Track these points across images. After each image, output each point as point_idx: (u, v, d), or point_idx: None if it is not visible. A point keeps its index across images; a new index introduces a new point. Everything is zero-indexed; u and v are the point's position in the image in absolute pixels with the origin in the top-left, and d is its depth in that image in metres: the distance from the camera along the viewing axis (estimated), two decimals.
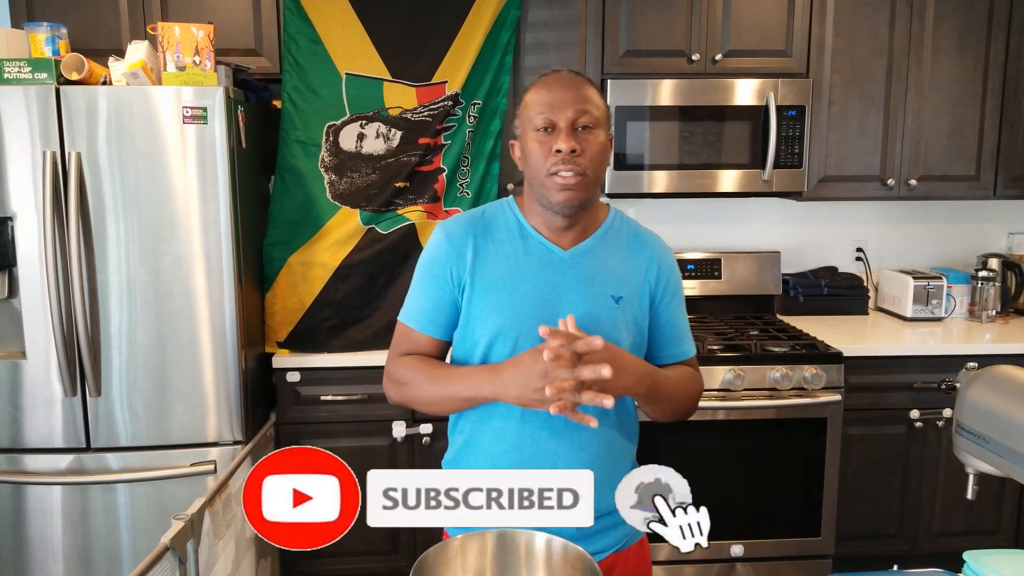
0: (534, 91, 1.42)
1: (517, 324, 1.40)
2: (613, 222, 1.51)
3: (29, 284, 2.36)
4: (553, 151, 1.36)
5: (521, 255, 1.44)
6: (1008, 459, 1.06)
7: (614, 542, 1.48)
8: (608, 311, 1.42)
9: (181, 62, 2.37)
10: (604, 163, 1.42)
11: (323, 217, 2.80)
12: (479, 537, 1.18)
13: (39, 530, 2.46)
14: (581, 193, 1.38)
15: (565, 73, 1.43)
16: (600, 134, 1.39)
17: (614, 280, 1.44)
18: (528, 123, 1.41)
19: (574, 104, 1.37)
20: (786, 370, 2.73)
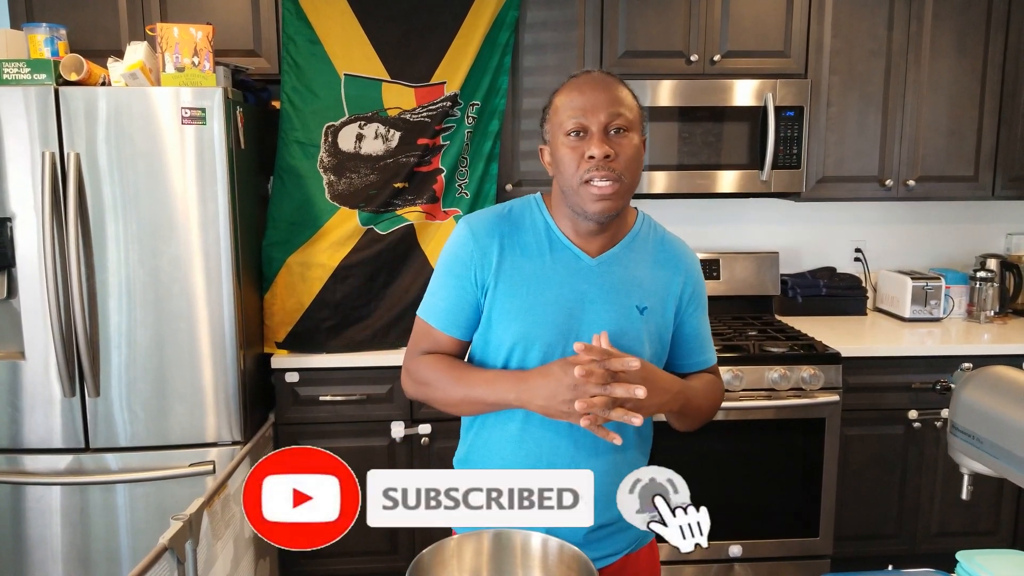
0: (564, 94, 1.37)
1: (541, 331, 1.38)
2: (641, 228, 1.48)
3: (28, 284, 2.37)
4: (586, 157, 1.31)
5: (548, 260, 1.41)
6: (1002, 460, 1.06)
7: (626, 544, 1.48)
8: (632, 322, 1.39)
9: (180, 63, 2.37)
10: (639, 167, 1.37)
11: (322, 218, 2.80)
12: (476, 537, 1.19)
13: (38, 530, 2.46)
14: (618, 201, 1.34)
15: (596, 74, 1.38)
16: (634, 137, 1.35)
17: (640, 290, 1.42)
18: (558, 127, 1.35)
19: (607, 107, 1.32)
20: (784, 370, 2.73)
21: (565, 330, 1.37)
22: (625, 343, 1.36)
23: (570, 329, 1.37)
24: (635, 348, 1.38)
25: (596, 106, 1.32)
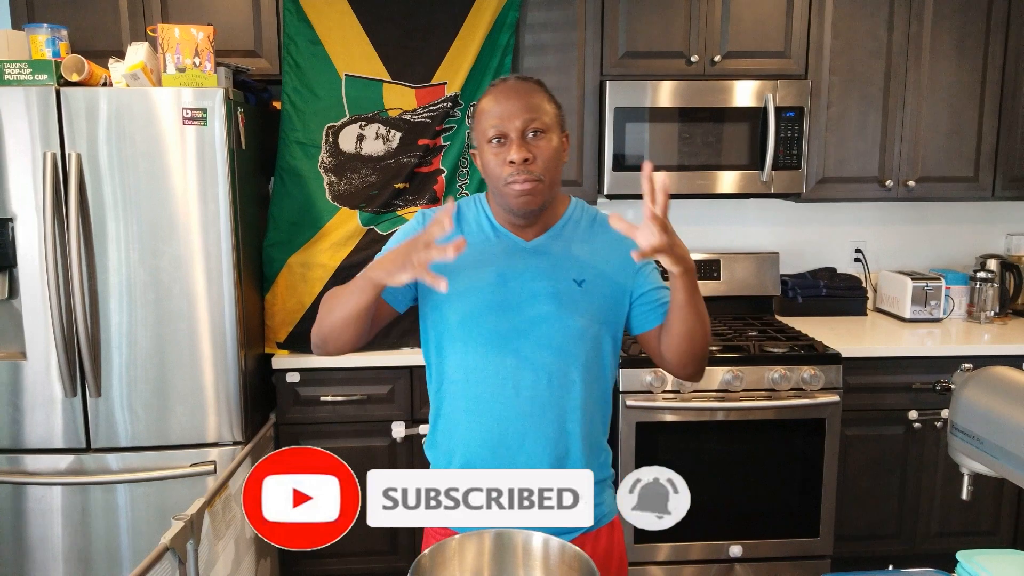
0: (483, 103, 1.47)
1: (483, 308, 1.47)
2: (574, 213, 1.56)
3: (29, 285, 2.37)
4: (507, 161, 1.41)
5: (487, 244, 1.51)
6: (1002, 460, 1.07)
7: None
8: (571, 294, 1.48)
9: (181, 63, 2.38)
10: (559, 165, 1.47)
11: (323, 218, 2.81)
12: (477, 537, 1.19)
13: (39, 530, 2.47)
14: (538, 198, 1.44)
15: (512, 82, 1.47)
16: (552, 138, 1.44)
17: (576, 265, 1.50)
18: (482, 135, 1.45)
19: (522, 114, 1.41)
20: (785, 371, 2.73)
21: (505, 307, 1.46)
22: (565, 313, 1.46)
23: (510, 306, 1.46)
24: (574, 318, 1.47)
25: (512, 113, 1.41)
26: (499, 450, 1.47)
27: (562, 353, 1.47)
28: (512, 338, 1.46)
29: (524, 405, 1.46)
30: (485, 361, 1.47)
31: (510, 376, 1.46)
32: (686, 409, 2.72)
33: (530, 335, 1.46)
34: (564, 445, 1.48)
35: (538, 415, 1.47)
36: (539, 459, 1.47)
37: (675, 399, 2.72)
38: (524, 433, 1.47)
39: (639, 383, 2.71)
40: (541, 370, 1.46)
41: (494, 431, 1.48)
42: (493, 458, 1.47)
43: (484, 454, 1.48)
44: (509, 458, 1.47)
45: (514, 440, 1.47)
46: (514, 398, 1.46)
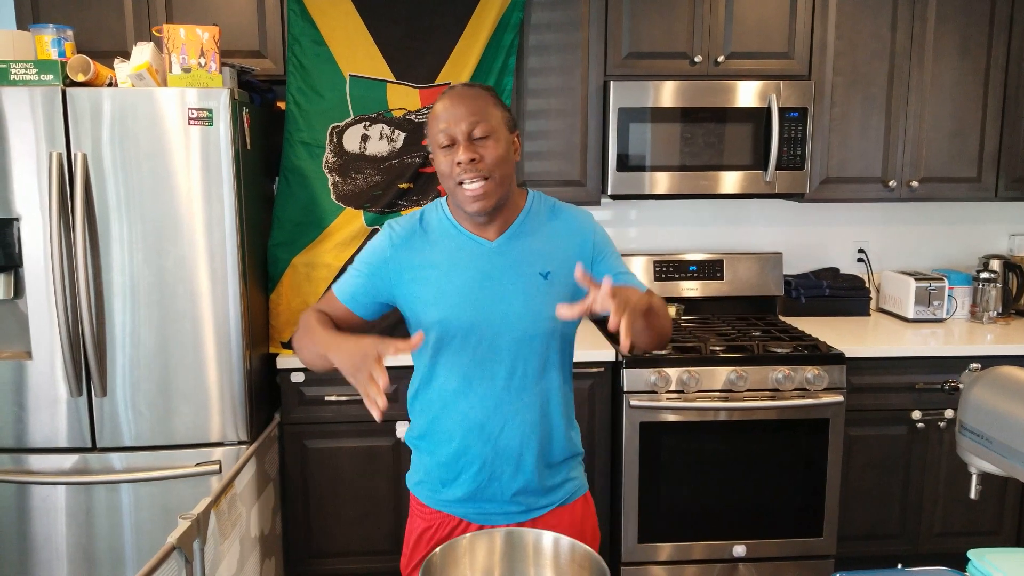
0: (434, 110, 1.55)
1: (456, 312, 1.55)
2: (532, 205, 1.64)
3: (35, 284, 2.37)
4: (455, 163, 1.49)
5: (453, 251, 1.59)
6: (1011, 458, 1.07)
7: (558, 498, 1.66)
8: (538, 288, 1.56)
9: (186, 64, 2.38)
10: (509, 163, 1.55)
11: (327, 218, 2.81)
12: (487, 536, 1.19)
13: (44, 529, 2.47)
14: (491, 199, 1.52)
15: (459, 88, 1.56)
16: (499, 139, 1.52)
17: (540, 258, 1.58)
18: (434, 142, 1.54)
19: (467, 118, 1.49)
20: (788, 371, 2.74)
21: (478, 307, 1.55)
22: (535, 308, 1.56)
23: (482, 305, 1.55)
24: (544, 311, 1.54)
25: (458, 118, 1.50)
26: (482, 437, 1.59)
27: (533, 346, 1.57)
28: (486, 336, 1.55)
29: (500, 394, 1.57)
30: (462, 359, 1.57)
31: (487, 369, 1.57)
32: (689, 409, 2.72)
33: (503, 331, 1.55)
34: (540, 427, 1.60)
35: (514, 402, 1.58)
36: (517, 442, 1.58)
37: (678, 399, 2.72)
38: (503, 420, 1.58)
39: (643, 383, 2.71)
40: (516, 362, 1.57)
41: (475, 420, 1.58)
42: (477, 444, 1.59)
43: (469, 442, 1.59)
44: (492, 444, 1.59)
45: (495, 427, 1.58)
46: (490, 388, 1.57)
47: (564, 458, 1.66)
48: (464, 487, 1.62)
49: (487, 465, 1.60)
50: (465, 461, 1.61)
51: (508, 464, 1.60)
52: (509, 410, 1.58)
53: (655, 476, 2.76)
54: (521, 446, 1.59)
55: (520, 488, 1.62)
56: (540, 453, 1.61)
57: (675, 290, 3.30)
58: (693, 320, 3.27)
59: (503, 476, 1.61)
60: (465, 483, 1.62)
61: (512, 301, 1.56)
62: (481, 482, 1.61)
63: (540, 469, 1.62)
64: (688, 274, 3.31)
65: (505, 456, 1.60)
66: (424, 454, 1.69)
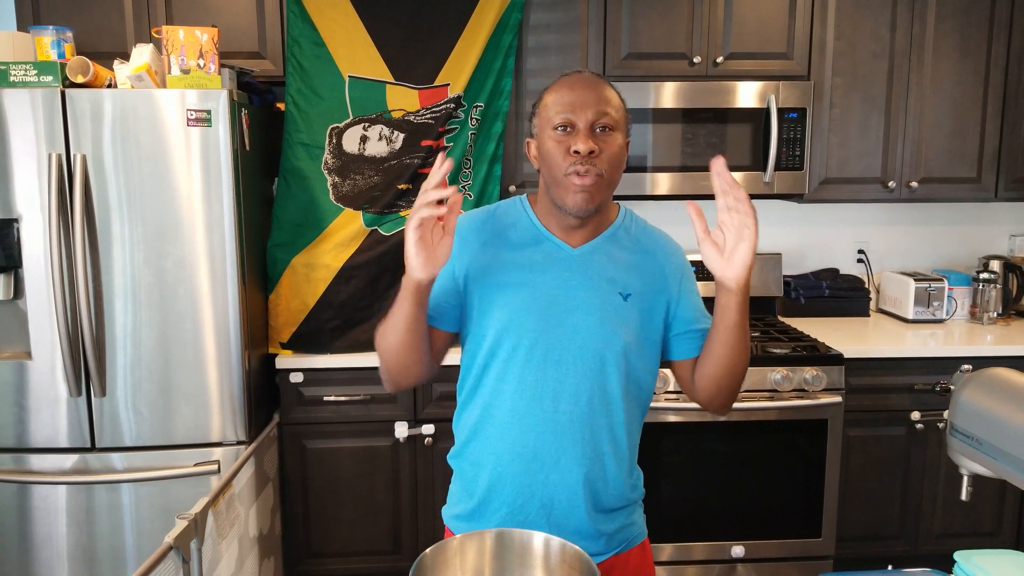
0: (554, 90, 1.41)
1: (524, 318, 1.40)
2: (623, 221, 1.51)
3: (34, 285, 2.38)
4: (571, 151, 1.35)
5: (531, 252, 1.44)
6: (1001, 461, 1.07)
7: (614, 545, 1.48)
8: (616, 307, 1.41)
9: (185, 65, 2.39)
10: (620, 166, 1.41)
11: (326, 219, 2.82)
12: (478, 536, 1.20)
13: (44, 529, 2.48)
14: (597, 196, 1.37)
15: (586, 74, 1.42)
16: (618, 136, 1.39)
17: (622, 278, 1.44)
18: (547, 122, 1.39)
19: (594, 105, 1.36)
20: (787, 371, 2.74)
21: (548, 316, 1.40)
22: (610, 327, 1.40)
23: (553, 315, 1.40)
24: (619, 332, 1.40)
25: (584, 103, 1.36)
26: (533, 465, 1.41)
27: (603, 368, 1.41)
28: (553, 349, 1.40)
29: (562, 419, 1.40)
30: (524, 372, 1.40)
31: (550, 389, 1.40)
32: (689, 410, 2.72)
33: (572, 348, 1.40)
34: (599, 464, 1.42)
35: (575, 431, 1.40)
36: (572, 477, 1.41)
37: (678, 400, 2.72)
38: (560, 449, 1.40)
39: None
40: (582, 384, 1.40)
41: (528, 445, 1.41)
42: (526, 473, 1.41)
43: (517, 468, 1.42)
44: (544, 474, 1.41)
45: (549, 456, 1.41)
46: (552, 412, 1.40)
47: (622, 505, 1.48)
48: (506, 520, 1.44)
49: (533, 499, 1.42)
50: (511, 490, 1.43)
51: (557, 502, 1.42)
52: (567, 439, 1.40)
53: (654, 477, 2.76)
54: (574, 483, 1.41)
55: (569, 527, 1.43)
56: (593, 494, 1.43)
57: None
58: None
59: (551, 512, 1.42)
60: (508, 515, 1.43)
61: (586, 316, 1.39)
62: (527, 516, 1.43)
63: (590, 511, 1.43)
64: None
65: (556, 490, 1.41)
66: (466, 479, 1.50)
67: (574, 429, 1.40)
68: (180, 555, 1.67)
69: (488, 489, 1.45)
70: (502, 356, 1.41)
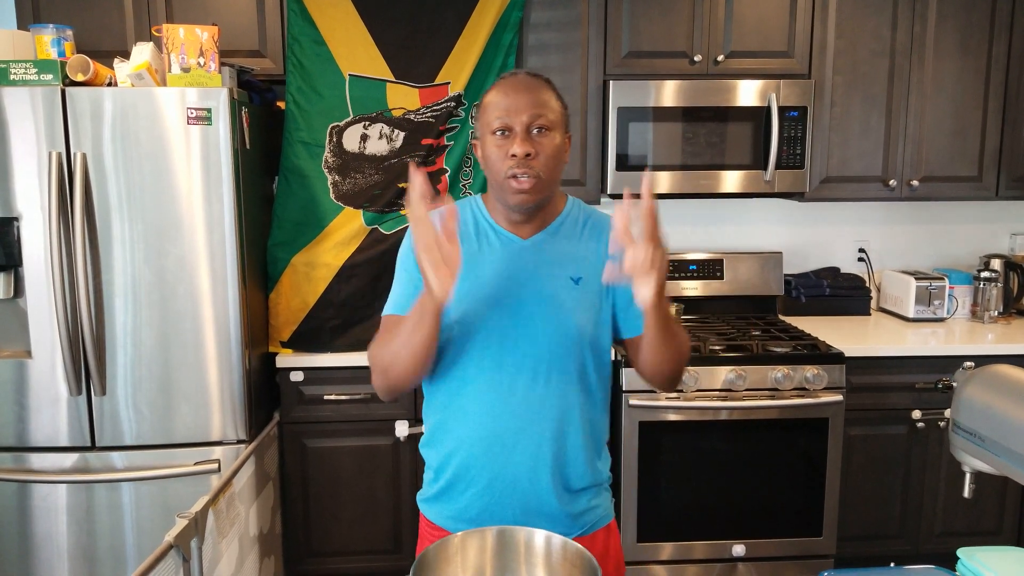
0: (492, 94, 1.46)
1: (481, 308, 1.46)
2: (571, 211, 1.56)
3: (35, 284, 2.38)
4: (509, 155, 1.40)
5: (484, 245, 1.51)
6: (1004, 457, 1.07)
7: (580, 526, 1.53)
8: (568, 291, 1.48)
9: (186, 63, 2.39)
10: (560, 164, 1.47)
11: (326, 218, 2.82)
12: (479, 534, 1.19)
13: (44, 528, 2.48)
14: (536, 195, 1.43)
15: (522, 76, 1.47)
16: (555, 136, 1.44)
17: (572, 263, 1.50)
18: (487, 126, 1.45)
19: (529, 108, 1.41)
20: (788, 370, 2.73)
21: (502, 305, 1.46)
22: (562, 311, 1.46)
23: (506, 305, 1.46)
24: (572, 316, 1.46)
25: (519, 107, 1.41)
26: (495, 448, 1.46)
27: (559, 352, 1.46)
28: (509, 336, 1.45)
29: (519, 404, 1.45)
30: (482, 360, 1.46)
31: (507, 375, 1.45)
32: (689, 408, 2.72)
33: (527, 333, 1.45)
34: (561, 445, 1.47)
35: (534, 414, 1.46)
36: (535, 459, 1.46)
37: (678, 399, 2.72)
38: (520, 431, 1.46)
39: (642, 382, 2.71)
40: (539, 368, 1.45)
41: (490, 429, 1.46)
42: (489, 456, 1.46)
43: (481, 451, 1.47)
44: (505, 456, 1.46)
45: (510, 438, 1.46)
46: (509, 396, 1.45)
47: (585, 486, 1.52)
48: (472, 504, 1.50)
49: (496, 481, 1.47)
50: (475, 473, 1.48)
51: (520, 481, 1.47)
52: (525, 422, 1.45)
53: (654, 476, 2.76)
54: (538, 464, 1.46)
55: (533, 509, 1.48)
56: (556, 475, 1.47)
57: (675, 289, 3.30)
58: (693, 319, 3.27)
59: (514, 495, 1.47)
60: (473, 497, 1.49)
61: (539, 302, 1.46)
62: (490, 499, 1.48)
63: (557, 491, 1.48)
64: (688, 273, 3.31)
65: (517, 472, 1.46)
66: (433, 466, 1.57)
67: (531, 412, 1.46)
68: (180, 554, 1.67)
69: (452, 473, 1.51)
70: (460, 346, 1.47)
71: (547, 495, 1.47)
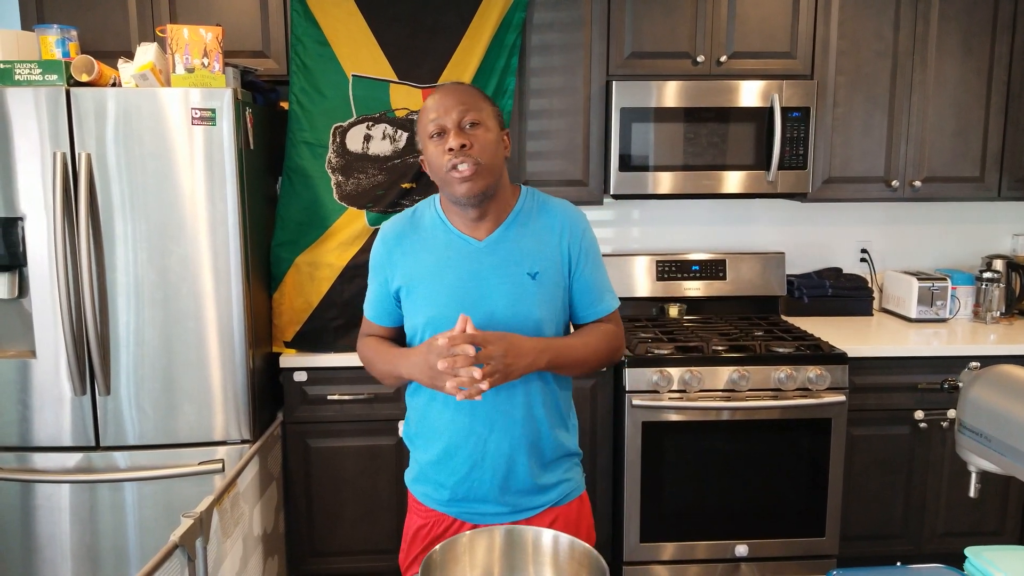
0: (424, 106, 1.58)
1: (446, 311, 1.55)
2: (524, 203, 1.64)
3: (39, 284, 2.38)
4: (446, 150, 1.50)
5: (443, 250, 1.61)
6: (1010, 457, 1.07)
7: (554, 497, 1.66)
8: (525, 288, 1.58)
9: (190, 64, 2.39)
10: (498, 153, 1.56)
11: (330, 218, 2.82)
12: (487, 534, 1.20)
13: (48, 528, 2.48)
14: (480, 181, 1.52)
15: (449, 84, 1.61)
16: (488, 128, 1.54)
17: (528, 258, 1.59)
18: (424, 135, 1.56)
19: (456, 107, 1.52)
20: (790, 371, 2.74)
21: (465, 305, 1.55)
22: (521, 309, 1.57)
23: (469, 303, 1.56)
24: (530, 312, 1.58)
25: (448, 107, 1.53)
26: (472, 437, 1.59)
27: None
28: None
29: (489, 395, 1.53)
30: None
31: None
32: (692, 408, 2.72)
33: (489, 329, 1.53)
34: (533, 425, 1.61)
35: (504, 403, 1.58)
36: (509, 441, 1.59)
37: (681, 399, 2.72)
38: (493, 418, 1.58)
39: (645, 383, 2.72)
40: None
41: (466, 420, 1.59)
42: (467, 442, 1.60)
43: (459, 441, 1.60)
44: (483, 444, 1.60)
45: (484, 425, 1.59)
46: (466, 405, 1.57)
47: (555, 458, 1.66)
48: (455, 487, 1.63)
49: (477, 466, 1.61)
50: (456, 462, 1.62)
51: (499, 465, 1.60)
52: (495, 412, 1.59)
53: (657, 476, 2.76)
54: (511, 448, 1.60)
55: (512, 488, 1.62)
56: (530, 454, 1.61)
57: (678, 290, 3.30)
58: (695, 320, 3.27)
59: (494, 477, 1.61)
60: (456, 483, 1.63)
61: (498, 301, 1.56)
62: (472, 483, 1.62)
63: (533, 470, 1.62)
64: (691, 274, 3.31)
65: (494, 457, 1.60)
66: (418, 452, 1.71)
67: (501, 401, 1.58)
68: (185, 553, 1.67)
69: (436, 462, 1.65)
70: None
71: (523, 472, 1.61)
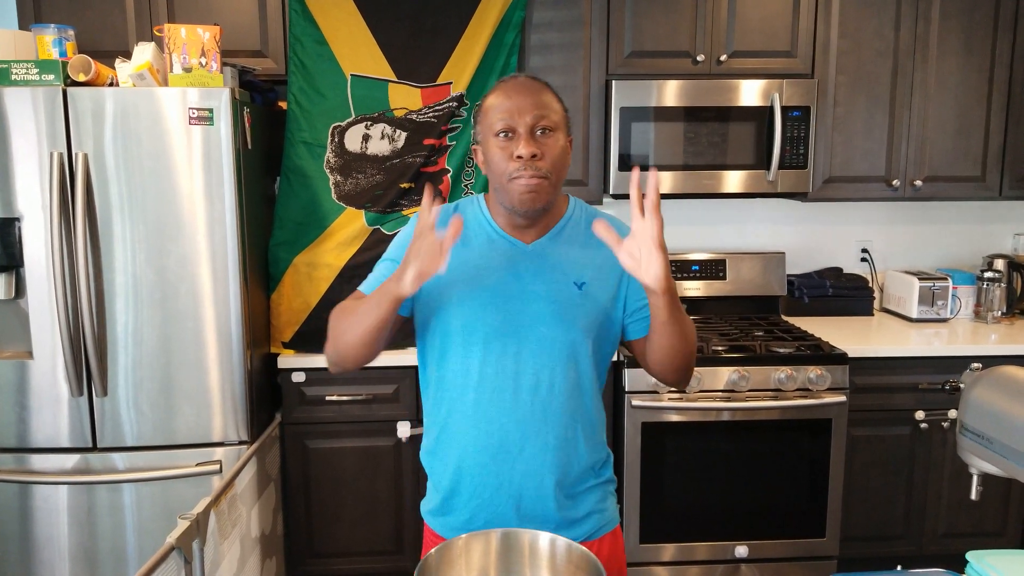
0: (493, 97, 1.45)
1: (483, 313, 1.44)
2: (573, 213, 1.54)
3: (36, 284, 2.37)
4: (514, 156, 1.39)
5: (486, 250, 1.49)
6: (1011, 459, 1.06)
7: (583, 532, 1.51)
8: (571, 296, 1.46)
9: (187, 63, 2.38)
10: (564, 165, 1.45)
11: (328, 218, 2.81)
12: (483, 537, 1.19)
13: (45, 529, 2.47)
14: (543, 196, 1.41)
15: (523, 79, 1.46)
16: (559, 137, 1.43)
17: (576, 267, 1.48)
18: (489, 129, 1.43)
19: (532, 109, 1.40)
20: (791, 371, 2.73)
21: (505, 310, 1.44)
22: (565, 316, 1.44)
23: (509, 310, 1.44)
24: (576, 322, 1.45)
25: (523, 109, 1.40)
26: (499, 456, 1.45)
27: (563, 357, 1.45)
28: (512, 342, 1.44)
29: (523, 410, 1.43)
30: (484, 366, 1.44)
31: (510, 380, 1.44)
32: (692, 409, 2.71)
33: (530, 339, 1.44)
34: (568, 450, 1.46)
35: (539, 421, 1.44)
36: (539, 465, 1.45)
37: (681, 399, 2.71)
38: (524, 439, 1.44)
39: (644, 383, 2.71)
40: (542, 374, 1.44)
41: (494, 437, 1.45)
42: (493, 464, 1.45)
43: (484, 460, 1.45)
44: (509, 465, 1.45)
45: (514, 446, 1.44)
46: (513, 403, 1.44)
47: (588, 487, 1.51)
48: (477, 512, 1.48)
49: (503, 488, 1.46)
50: (479, 482, 1.46)
51: (526, 489, 1.45)
52: (530, 429, 1.44)
53: (657, 476, 2.75)
54: (541, 470, 1.45)
55: (538, 517, 1.47)
56: (561, 480, 1.46)
57: (678, 290, 3.29)
58: (695, 320, 3.26)
59: (520, 502, 1.46)
60: (478, 507, 1.48)
61: (542, 308, 1.44)
62: (496, 508, 1.47)
63: (559, 499, 1.47)
64: (691, 274, 3.30)
65: (523, 480, 1.45)
66: (436, 475, 1.55)
67: (536, 418, 1.44)
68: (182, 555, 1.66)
69: (455, 482, 1.49)
70: (462, 352, 1.46)
71: (550, 503, 1.46)
